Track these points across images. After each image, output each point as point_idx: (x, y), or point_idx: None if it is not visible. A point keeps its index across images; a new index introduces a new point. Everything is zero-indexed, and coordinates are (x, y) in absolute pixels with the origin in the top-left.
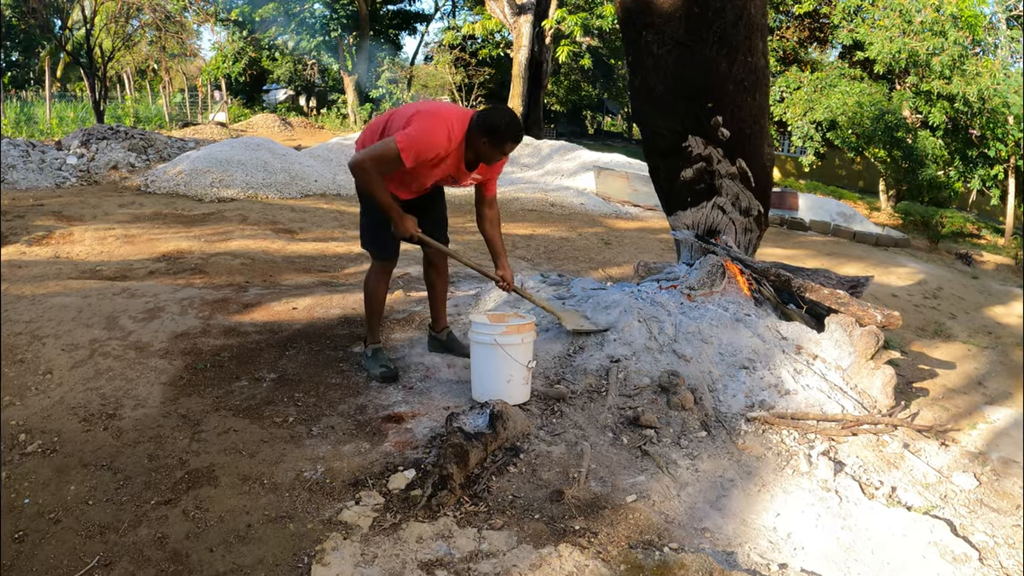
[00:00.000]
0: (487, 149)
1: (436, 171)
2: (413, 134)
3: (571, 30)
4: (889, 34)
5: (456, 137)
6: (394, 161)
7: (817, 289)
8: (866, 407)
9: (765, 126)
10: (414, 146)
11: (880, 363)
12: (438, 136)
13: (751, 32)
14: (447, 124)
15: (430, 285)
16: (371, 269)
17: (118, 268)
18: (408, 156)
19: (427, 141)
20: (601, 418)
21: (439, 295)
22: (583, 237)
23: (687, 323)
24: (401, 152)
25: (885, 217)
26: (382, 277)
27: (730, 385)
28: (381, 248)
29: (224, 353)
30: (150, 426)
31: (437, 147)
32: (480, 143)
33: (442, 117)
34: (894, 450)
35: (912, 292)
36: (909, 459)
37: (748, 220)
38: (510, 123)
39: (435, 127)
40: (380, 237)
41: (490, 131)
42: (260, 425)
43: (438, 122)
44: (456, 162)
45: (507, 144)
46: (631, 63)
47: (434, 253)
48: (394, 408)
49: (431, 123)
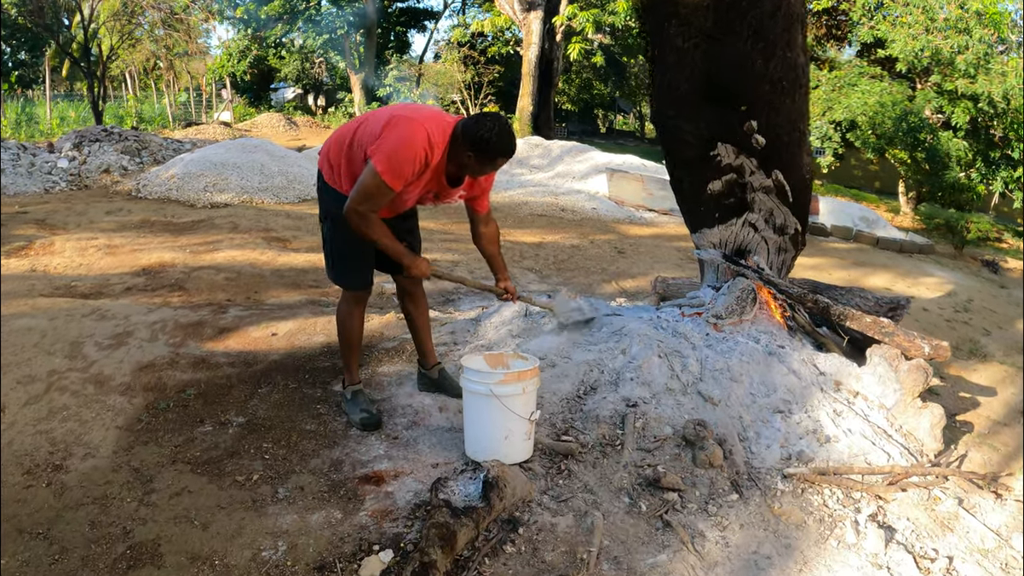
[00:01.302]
0: (474, 164)
1: (416, 188)
2: (389, 150)
3: (583, 27)
4: (912, 31)
5: (438, 143)
6: (385, 192)
7: (859, 317)
8: (912, 452)
9: (804, 132)
10: (395, 164)
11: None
12: (416, 144)
13: (790, 23)
14: (425, 129)
15: (408, 317)
16: (342, 300)
17: (94, 283)
18: (394, 179)
19: (407, 154)
20: (616, 479)
21: (421, 327)
22: (595, 245)
23: (714, 358)
24: (384, 178)
25: (907, 221)
26: (356, 310)
27: (763, 433)
28: (353, 278)
29: (190, 390)
30: (98, 482)
31: (416, 157)
32: (465, 156)
33: (418, 122)
34: (948, 509)
35: (943, 306)
36: (964, 519)
37: (783, 239)
38: (501, 133)
39: (411, 134)
40: (350, 266)
41: (477, 143)
42: (219, 484)
43: (414, 128)
44: (436, 176)
45: (497, 159)
46: (652, 59)
47: (407, 281)
48: (374, 465)
49: (406, 131)
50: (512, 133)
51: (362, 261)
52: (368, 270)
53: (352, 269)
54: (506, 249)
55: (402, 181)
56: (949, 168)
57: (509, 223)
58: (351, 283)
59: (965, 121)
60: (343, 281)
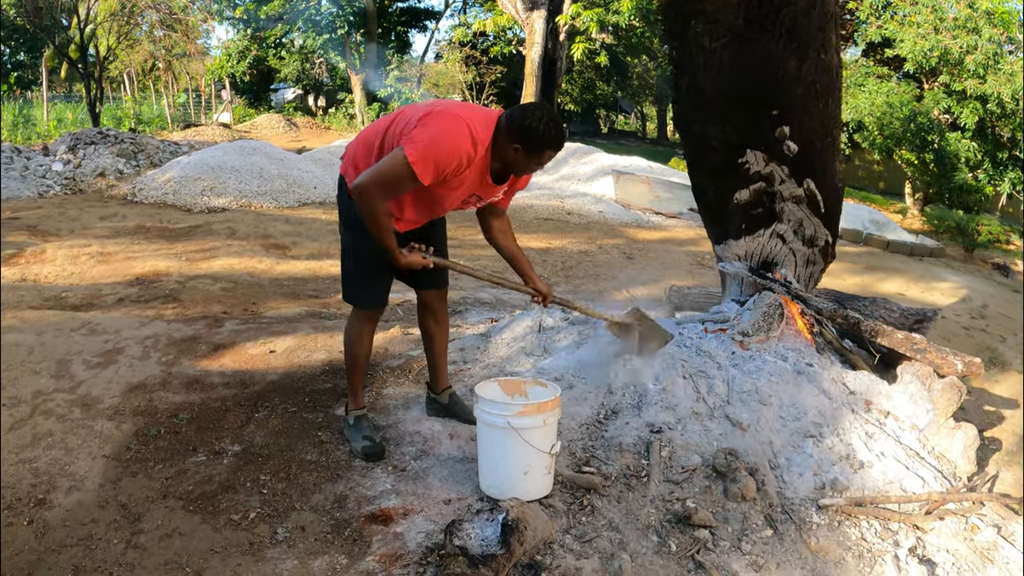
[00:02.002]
0: (521, 158)
1: (457, 189)
2: (426, 140)
3: (586, 26)
4: (921, 31)
5: (482, 140)
6: (406, 179)
7: (890, 334)
8: (946, 475)
9: (837, 139)
10: (430, 155)
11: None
12: (460, 139)
13: (825, 22)
14: (468, 124)
15: (427, 336)
16: (353, 318)
17: (85, 294)
18: (425, 169)
19: (447, 147)
20: (643, 515)
21: (438, 348)
22: (603, 250)
23: (741, 379)
24: (414, 166)
25: (915, 223)
26: (367, 328)
27: (795, 459)
28: (368, 296)
29: (183, 414)
30: (82, 520)
31: (460, 153)
32: (511, 150)
33: (461, 116)
34: (986, 538)
35: (959, 312)
36: (1004, 549)
37: (812, 251)
38: (549, 123)
39: (455, 128)
40: (368, 282)
41: (525, 135)
42: (213, 524)
43: (457, 122)
44: (480, 175)
45: (546, 152)
46: (676, 60)
47: (432, 295)
48: (381, 501)
49: (449, 124)
50: (560, 123)
51: (380, 278)
52: (384, 288)
53: (369, 286)
54: None
55: (433, 175)
56: (958, 169)
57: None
58: (365, 301)
59: (973, 122)
60: (358, 299)
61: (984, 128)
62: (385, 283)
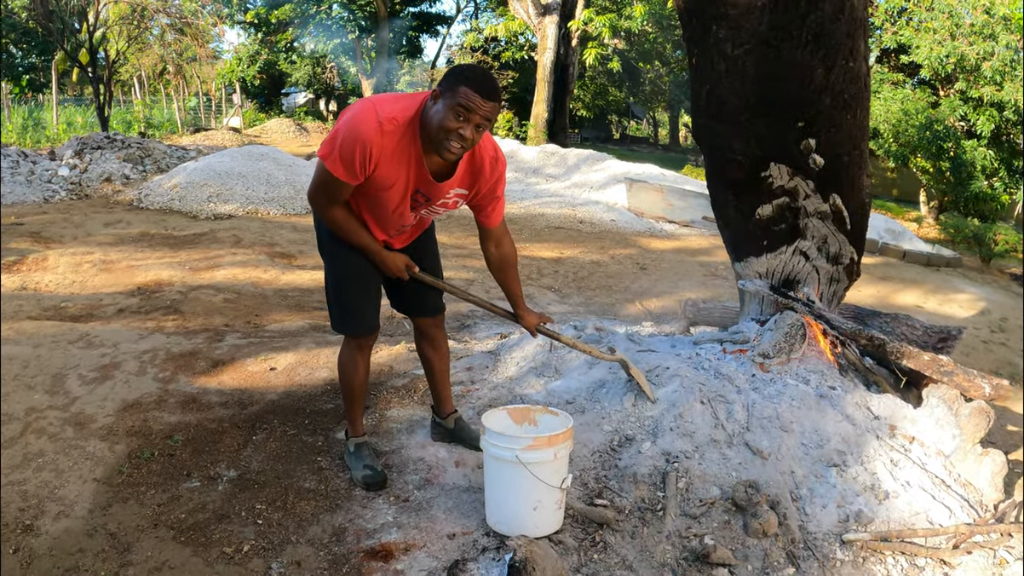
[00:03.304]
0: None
1: (392, 185)
2: (332, 133)
3: (599, 32)
4: (937, 37)
5: (389, 118)
6: (331, 180)
7: (916, 355)
8: (973, 504)
9: (865, 152)
10: (335, 146)
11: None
12: (360, 122)
13: (854, 28)
14: (375, 105)
15: (426, 363)
16: (344, 346)
17: (85, 304)
18: (335, 163)
19: (348, 133)
20: (658, 552)
21: (439, 375)
22: (616, 260)
23: (762, 404)
24: (325, 161)
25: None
26: (360, 357)
27: (817, 490)
28: (355, 323)
29: (178, 435)
30: (70, 550)
31: (362, 136)
32: (430, 116)
33: (370, 100)
34: (1014, 573)
35: (978, 325)
36: None
37: (836, 269)
38: (470, 66)
39: (357, 113)
40: (354, 306)
41: (443, 78)
42: (205, 557)
43: (362, 106)
44: (408, 165)
45: (461, 87)
46: (696, 67)
47: (427, 323)
48: (381, 535)
49: (353, 111)
50: (484, 69)
51: (365, 302)
52: (371, 312)
53: (355, 311)
54: (523, 265)
55: (344, 167)
56: (974, 178)
57: (525, 236)
58: (354, 329)
59: (989, 130)
60: (345, 328)
61: (1000, 136)
62: (371, 307)
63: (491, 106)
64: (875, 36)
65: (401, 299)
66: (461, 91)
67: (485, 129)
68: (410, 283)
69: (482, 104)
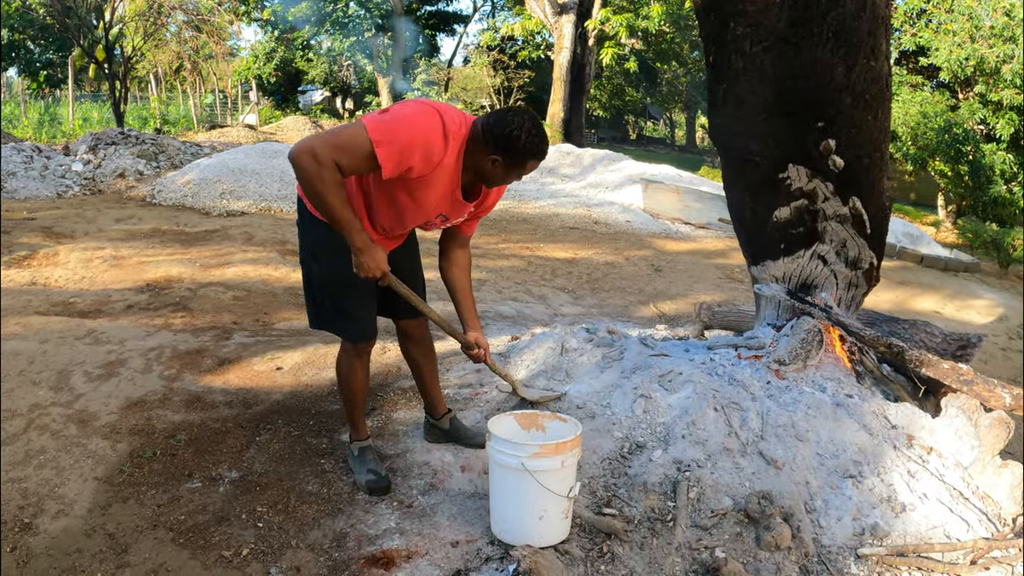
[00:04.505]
0: (498, 169)
1: (426, 197)
2: (391, 119)
3: (616, 31)
4: (957, 39)
5: (454, 135)
6: (363, 156)
7: (935, 364)
8: (991, 518)
9: (886, 154)
10: (395, 136)
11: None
12: (430, 127)
13: (876, 27)
14: (441, 115)
15: (413, 365)
16: (342, 352)
17: (94, 300)
18: (387, 151)
19: (415, 129)
20: (667, 564)
21: (428, 377)
22: (630, 262)
23: (777, 412)
24: (376, 145)
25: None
26: (359, 362)
27: (832, 501)
28: (352, 328)
29: (180, 435)
30: (67, 550)
31: (429, 141)
32: (488, 161)
33: (434, 106)
34: None
35: (996, 331)
36: None
37: (855, 273)
38: (531, 132)
39: (425, 114)
40: (351, 312)
41: (504, 142)
42: (203, 560)
43: (429, 110)
44: (451, 185)
45: (528, 162)
46: (713, 65)
47: (412, 324)
48: (383, 542)
49: (420, 108)
50: (543, 131)
51: (365, 309)
52: (371, 316)
53: (355, 319)
54: (537, 266)
55: (395, 161)
56: (993, 182)
57: (540, 236)
58: (351, 334)
59: (1009, 133)
60: (335, 328)
61: (1019, 140)
62: (371, 314)
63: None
64: (894, 38)
65: (383, 302)
66: (529, 165)
67: None
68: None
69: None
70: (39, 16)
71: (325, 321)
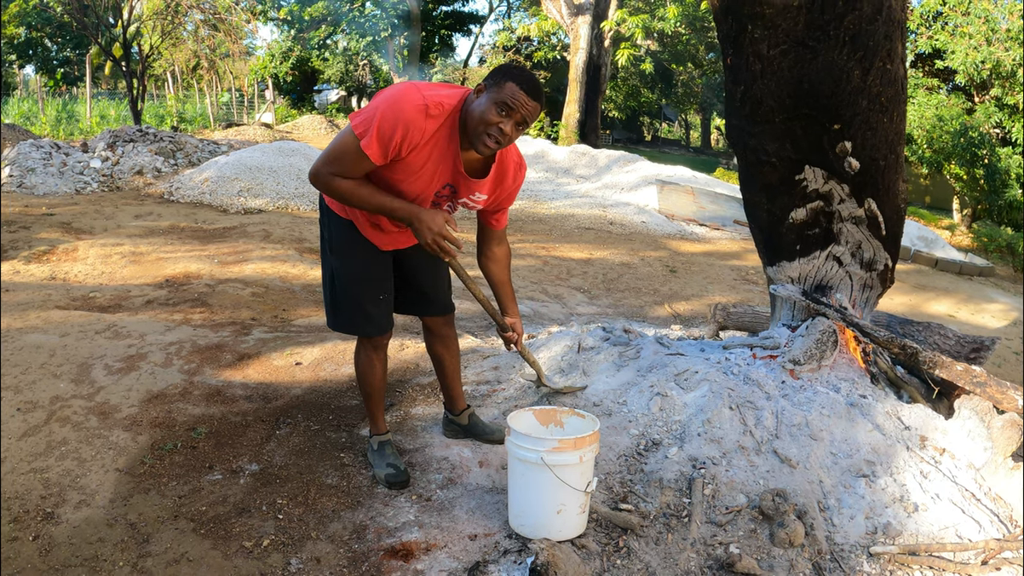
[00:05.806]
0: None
1: (421, 173)
2: (371, 107)
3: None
4: (973, 42)
5: (435, 104)
6: (353, 154)
7: (949, 365)
8: (1002, 519)
9: (901, 156)
10: (374, 121)
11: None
12: (405, 103)
13: (892, 30)
14: (421, 91)
15: (437, 361)
16: (359, 347)
17: (113, 295)
18: (370, 140)
19: (392, 111)
20: (682, 559)
21: (451, 372)
22: (646, 263)
23: (791, 411)
24: (360, 138)
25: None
26: (376, 357)
27: (845, 500)
28: (367, 324)
29: (201, 428)
30: (89, 539)
31: (406, 117)
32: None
33: (415, 84)
34: None
35: (1010, 336)
36: None
37: (870, 275)
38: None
39: (403, 94)
40: (367, 308)
41: (490, 74)
42: (224, 551)
43: (407, 89)
44: (445, 156)
45: (507, 83)
46: (731, 67)
47: (438, 322)
48: (402, 534)
49: (397, 90)
50: (533, 74)
51: (378, 304)
52: (386, 313)
53: (367, 313)
54: (552, 266)
55: (379, 146)
56: (1008, 186)
57: (555, 236)
58: (366, 330)
59: None
60: (350, 327)
61: None
62: (384, 308)
63: (533, 105)
64: (910, 41)
65: (408, 300)
66: (507, 87)
67: (524, 129)
68: (415, 282)
69: (526, 102)
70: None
71: (342, 320)
